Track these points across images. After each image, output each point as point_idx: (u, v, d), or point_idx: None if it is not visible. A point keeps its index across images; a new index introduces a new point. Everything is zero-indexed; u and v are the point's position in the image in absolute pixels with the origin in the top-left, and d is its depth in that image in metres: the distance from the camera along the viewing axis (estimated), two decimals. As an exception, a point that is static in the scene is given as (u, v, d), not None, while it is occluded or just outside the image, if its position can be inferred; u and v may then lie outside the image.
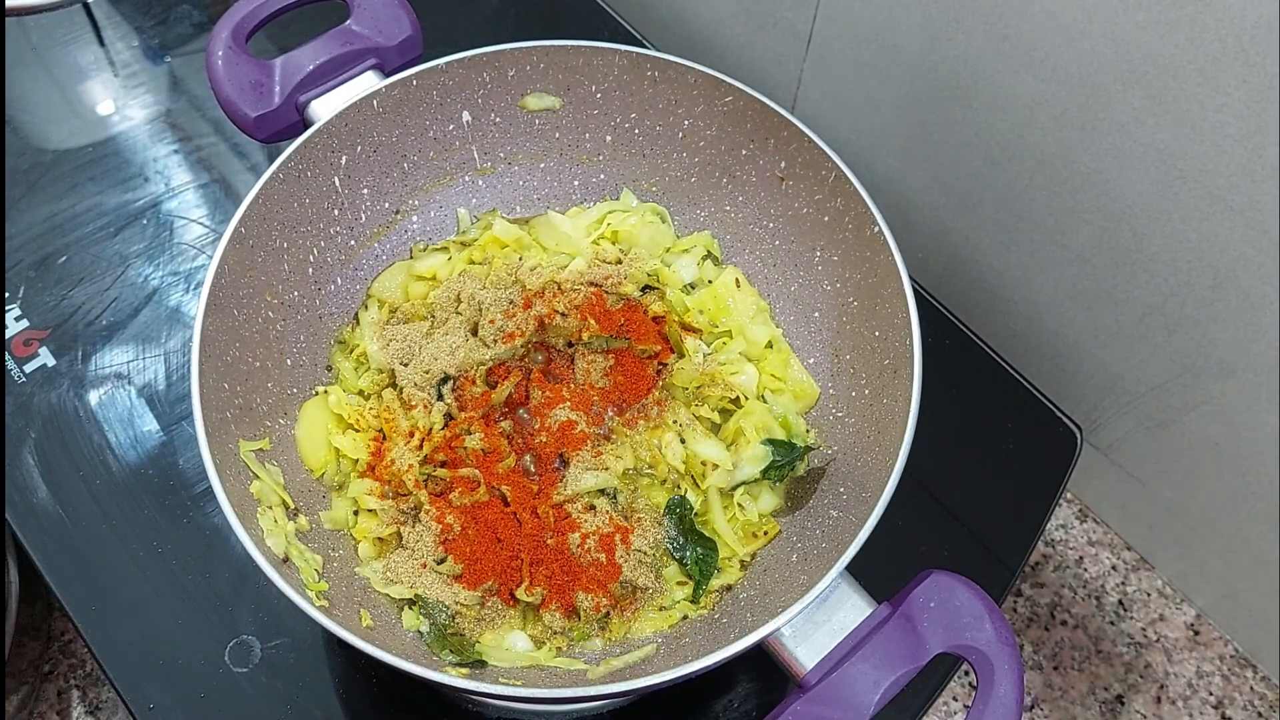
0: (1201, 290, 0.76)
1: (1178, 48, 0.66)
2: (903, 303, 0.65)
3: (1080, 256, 0.83)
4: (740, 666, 0.73)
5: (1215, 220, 0.71)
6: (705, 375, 0.74)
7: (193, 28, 1.04)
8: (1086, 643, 0.93)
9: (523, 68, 0.76)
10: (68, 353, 0.83)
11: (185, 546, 0.74)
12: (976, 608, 0.55)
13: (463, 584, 0.66)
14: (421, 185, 0.80)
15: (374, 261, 0.79)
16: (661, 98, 0.77)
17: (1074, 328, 0.89)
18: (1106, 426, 0.92)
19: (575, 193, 0.84)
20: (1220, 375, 0.79)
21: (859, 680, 0.54)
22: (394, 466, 0.69)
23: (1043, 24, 0.73)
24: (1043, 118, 0.78)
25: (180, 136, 0.97)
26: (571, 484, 0.69)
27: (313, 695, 0.69)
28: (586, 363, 0.74)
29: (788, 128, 0.72)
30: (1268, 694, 0.91)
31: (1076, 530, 0.99)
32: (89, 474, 0.77)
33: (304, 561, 0.62)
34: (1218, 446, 0.83)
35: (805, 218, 0.75)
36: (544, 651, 0.65)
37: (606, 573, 0.66)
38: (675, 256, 0.81)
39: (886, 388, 0.66)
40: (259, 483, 0.63)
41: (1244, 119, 0.65)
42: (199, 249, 0.90)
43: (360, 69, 0.76)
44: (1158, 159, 0.72)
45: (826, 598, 0.56)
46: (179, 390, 0.82)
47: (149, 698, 0.68)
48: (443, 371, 0.72)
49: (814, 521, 0.68)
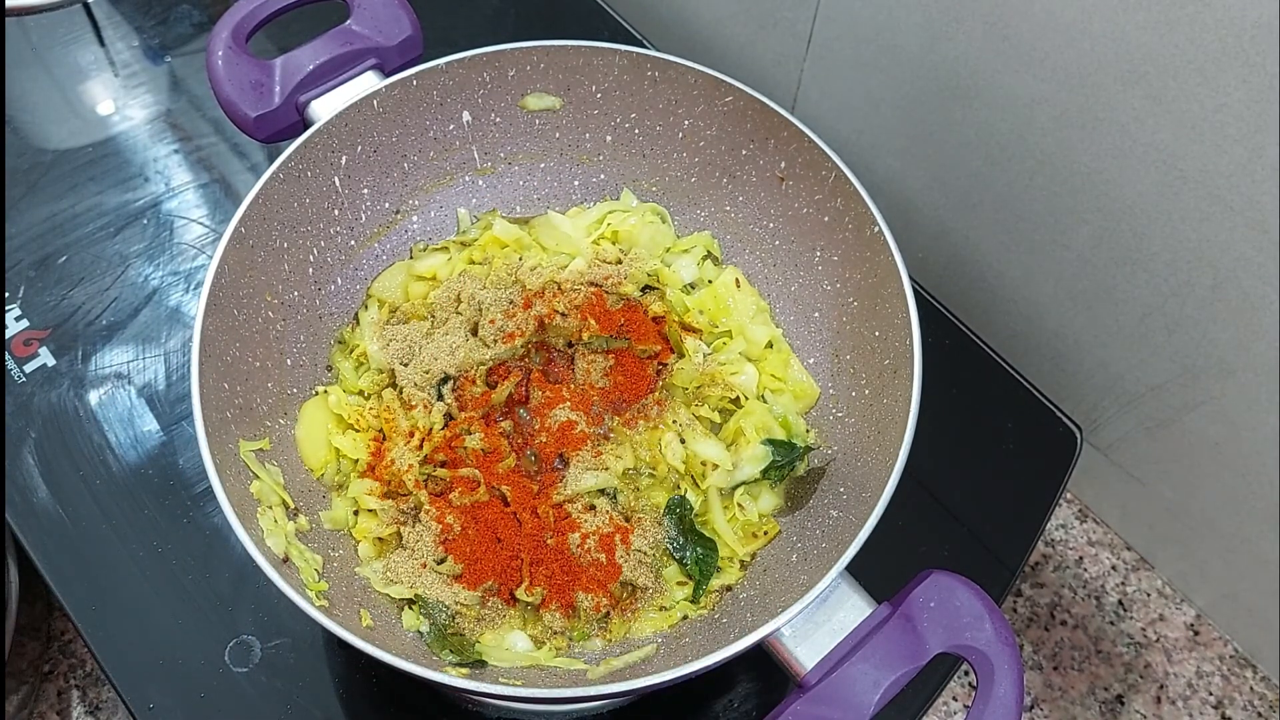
0: (1201, 290, 0.76)
1: (1178, 48, 0.66)
2: (903, 303, 0.65)
3: (1080, 256, 0.83)
4: (740, 666, 0.73)
5: (1215, 220, 0.71)
6: (705, 375, 0.74)
7: (193, 28, 1.04)
8: (1086, 643, 0.93)
9: (523, 68, 0.76)
10: (68, 353, 0.83)
11: (185, 546, 0.74)
12: (976, 608, 0.55)
13: (463, 584, 0.66)
14: (421, 185, 0.80)
15: (374, 261, 0.79)
16: (661, 98, 0.77)
17: (1074, 328, 0.89)
18: (1106, 426, 0.92)
19: (575, 193, 0.84)
20: (1220, 375, 0.79)
21: (859, 680, 0.54)
22: (394, 466, 0.69)
23: (1043, 24, 0.73)
24: (1043, 118, 0.78)
25: (180, 136, 0.97)
26: (571, 484, 0.69)
27: (313, 695, 0.69)
28: (586, 363, 0.74)
29: (788, 128, 0.72)
30: (1268, 694, 0.91)
31: (1076, 530, 0.99)
32: (89, 474, 0.77)
33: (304, 561, 0.62)
34: (1218, 446, 0.83)
35: (805, 218, 0.75)
36: (544, 651, 0.65)
37: (606, 573, 0.66)
38: (675, 256, 0.81)
39: (886, 388, 0.66)
40: (259, 483, 0.63)
41: (1244, 119, 0.65)
42: (199, 249, 0.90)
43: (360, 69, 0.76)
44: (1158, 159, 0.72)
45: (826, 598, 0.56)
46: (179, 390, 0.82)
47: (149, 698, 0.68)
48: (443, 371, 0.72)
49: (814, 521, 0.68)
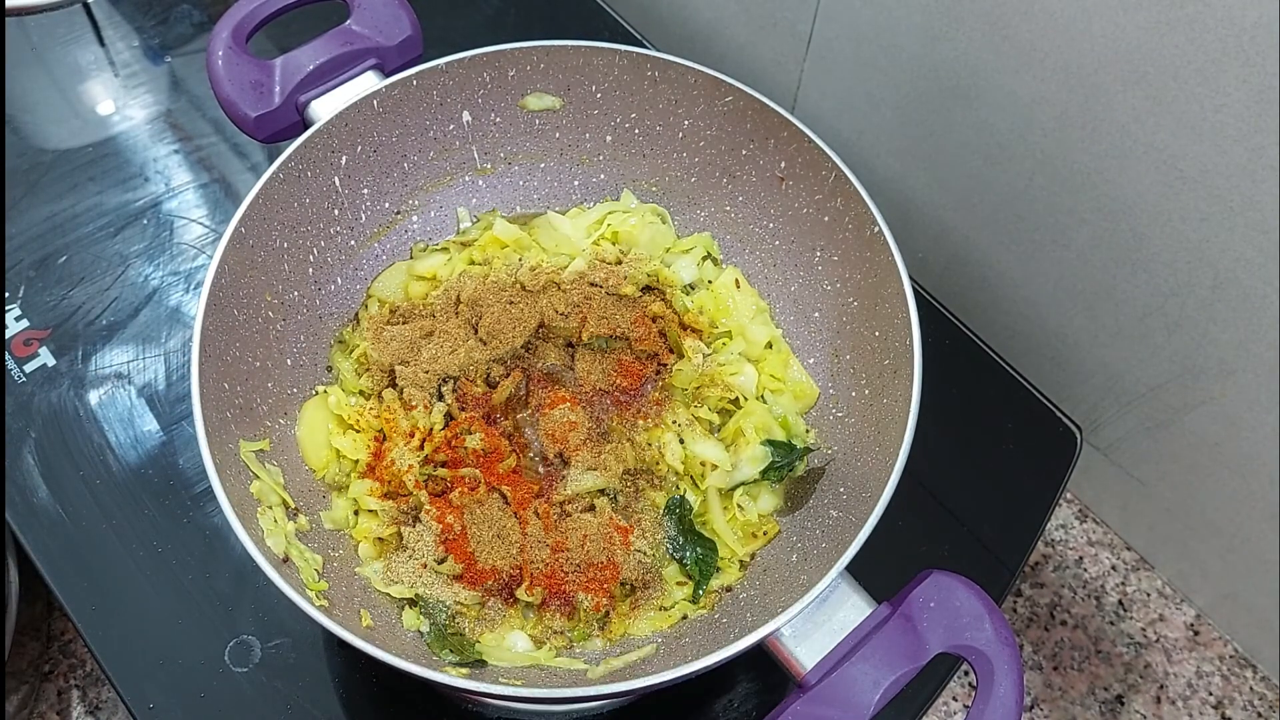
0: (1201, 290, 0.76)
1: (1178, 48, 0.66)
2: (903, 303, 0.65)
3: (1080, 256, 0.83)
4: (740, 666, 0.73)
5: (1215, 220, 0.71)
6: (705, 376, 0.74)
7: (193, 28, 1.04)
8: (1086, 643, 0.93)
9: (523, 68, 0.76)
10: (68, 353, 0.83)
11: (185, 546, 0.74)
12: (976, 608, 0.55)
13: (463, 584, 0.66)
14: (421, 185, 0.80)
15: (374, 261, 0.79)
16: (661, 98, 0.77)
17: (1074, 328, 0.89)
18: (1106, 426, 0.92)
19: (575, 193, 0.84)
20: (1220, 375, 0.79)
21: (859, 680, 0.54)
22: (394, 467, 0.69)
23: (1043, 24, 0.73)
24: (1043, 118, 0.78)
25: (180, 136, 0.97)
26: (571, 484, 0.69)
27: (313, 695, 0.69)
28: (586, 363, 0.74)
29: (788, 128, 0.72)
30: (1268, 694, 0.91)
31: (1076, 530, 0.99)
32: (89, 474, 0.77)
33: (304, 561, 0.62)
34: (1218, 446, 0.83)
35: (805, 218, 0.75)
36: (544, 651, 0.65)
37: (606, 573, 0.66)
38: (675, 257, 0.81)
39: (886, 388, 0.66)
40: (259, 483, 0.63)
41: (1244, 119, 0.65)
42: (199, 249, 0.90)
43: (360, 69, 0.76)
44: (1158, 159, 0.72)
45: (826, 598, 0.56)
46: (179, 390, 0.82)
47: (149, 698, 0.68)
48: (443, 371, 0.72)
49: (814, 521, 0.68)
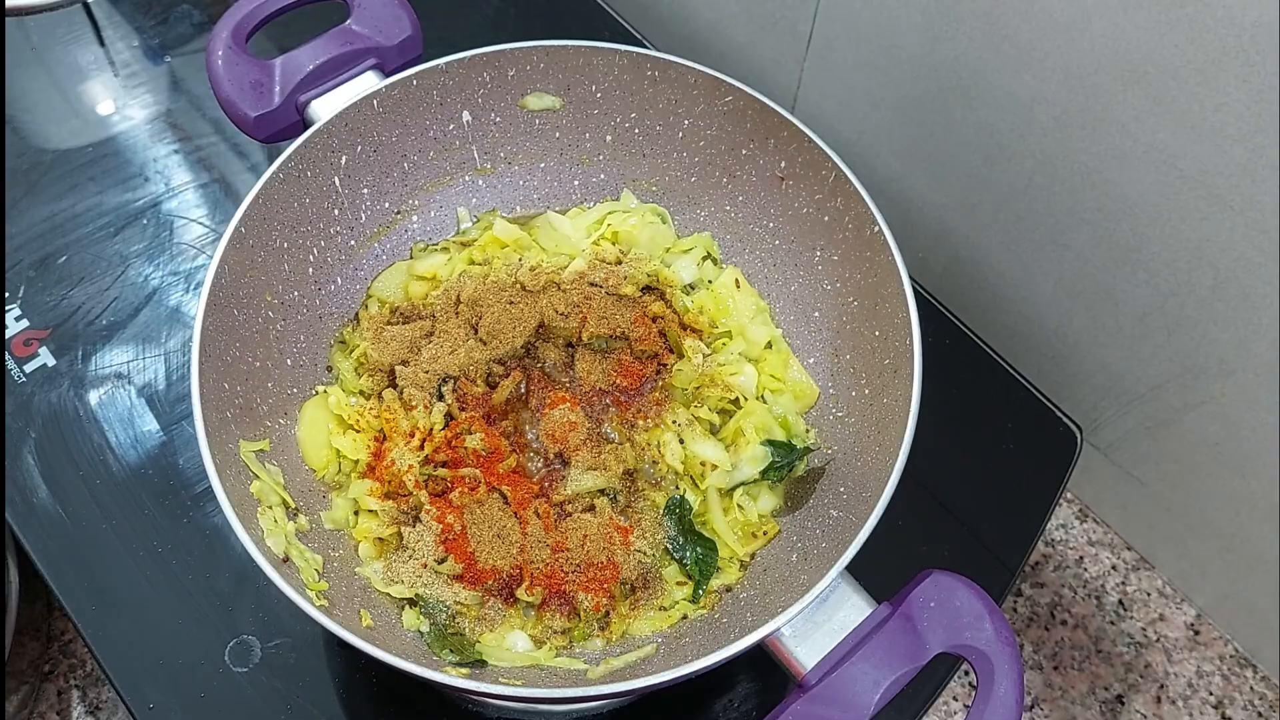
0: (1201, 290, 0.76)
1: (1178, 48, 0.66)
2: (903, 303, 0.65)
3: (1080, 256, 0.83)
4: (740, 666, 0.73)
5: (1215, 220, 0.71)
6: (705, 376, 0.74)
7: (193, 28, 1.04)
8: (1086, 642, 0.93)
9: (523, 68, 0.76)
10: (68, 353, 0.83)
11: (185, 546, 0.74)
12: (976, 608, 0.55)
13: (463, 584, 0.66)
14: (421, 185, 0.80)
15: (374, 261, 0.79)
16: (661, 98, 0.77)
17: (1074, 328, 0.89)
18: (1106, 426, 0.92)
19: (575, 193, 0.84)
20: (1220, 375, 0.79)
21: (859, 680, 0.54)
22: (394, 467, 0.69)
23: (1043, 24, 0.73)
24: (1043, 118, 0.78)
25: (180, 136, 0.97)
26: (571, 484, 0.69)
27: (313, 695, 0.69)
28: (586, 363, 0.74)
29: (788, 128, 0.72)
30: (1268, 694, 0.91)
31: (1076, 530, 0.99)
32: (89, 474, 0.77)
33: (304, 561, 0.62)
34: (1218, 446, 0.83)
35: (805, 218, 0.75)
36: (544, 651, 0.65)
37: (606, 573, 0.66)
38: (675, 257, 0.81)
39: (886, 388, 0.66)
40: (259, 483, 0.63)
41: (1244, 119, 0.65)
42: (199, 249, 0.90)
43: (360, 69, 0.76)
44: (1158, 159, 0.72)
45: (826, 598, 0.56)
46: (179, 390, 0.82)
47: (149, 698, 0.68)
48: (443, 371, 0.72)
49: (814, 521, 0.68)
